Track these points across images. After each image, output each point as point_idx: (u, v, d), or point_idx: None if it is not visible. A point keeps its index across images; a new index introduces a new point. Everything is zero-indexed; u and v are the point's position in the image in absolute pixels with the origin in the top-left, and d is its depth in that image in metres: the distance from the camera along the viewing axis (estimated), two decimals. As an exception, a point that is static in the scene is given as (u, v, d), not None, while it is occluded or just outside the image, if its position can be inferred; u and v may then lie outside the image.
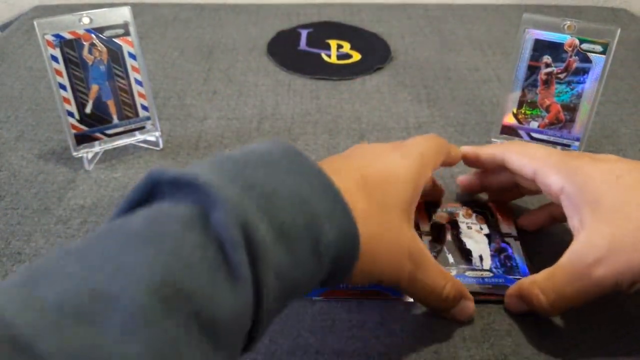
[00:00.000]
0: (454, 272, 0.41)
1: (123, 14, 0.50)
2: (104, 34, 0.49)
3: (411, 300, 0.39)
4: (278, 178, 0.28)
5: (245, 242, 0.25)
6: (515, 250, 0.43)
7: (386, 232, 0.33)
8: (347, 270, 0.31)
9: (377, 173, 0.34)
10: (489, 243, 0.43)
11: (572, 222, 0.37)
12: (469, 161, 0.44)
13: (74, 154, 0.51)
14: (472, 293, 0.39)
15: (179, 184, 0.26)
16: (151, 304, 0.21)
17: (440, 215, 0.46)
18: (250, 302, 0.25)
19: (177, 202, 0.25)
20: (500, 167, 0.43)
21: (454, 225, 0.45)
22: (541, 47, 0.50)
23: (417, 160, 0.36)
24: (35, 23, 0.46)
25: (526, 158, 0.40)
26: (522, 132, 0.54)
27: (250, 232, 0.25)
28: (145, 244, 0.23)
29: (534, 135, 0.53)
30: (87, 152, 0.52)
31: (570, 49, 0.50)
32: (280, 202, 0.27)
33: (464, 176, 0.48)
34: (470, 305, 0.38)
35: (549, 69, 0.51)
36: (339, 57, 0.73)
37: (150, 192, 0.27)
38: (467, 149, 0.44)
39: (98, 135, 0.52)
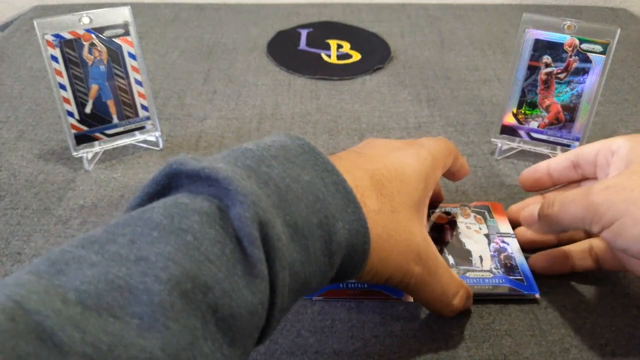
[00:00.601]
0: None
1: (123, 14, 0.50)
2: (104, 34, 0.49)
3: (411, 300, 0.39)
4: (293, 175, 0.29)
5: (262, 239, 0.25)
6: (515, 250, 0.43)
7: (395, 232, 0.32)
8: (357, 269, 0.31)
9: (388, 172, 0.34)
10: (489, 243, 0.43)
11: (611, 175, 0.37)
12: (540, 182, 0.44)
13: (74, 154, 0.52)
14: (473, 295, 0.39)
15: (199, 177, 0.26)
16: (171, 298, 0.22)
17: (439, 216, 0.46)
18: (266, 299, 0.25)
19: (196, 195, 0.26)
20: (573, 168, 0.43)
21: (453, 225, 0.45)
22: (541, 47, 0.50)
23: (428, 160, 0.36)
24: (35, 23, 0.46)
25: (598, 143, 0.40)
26: (522, 132, 0.54)
27: (267, 229, 0.25)
28: (165, 237, 0.23)
29: (534, 135, 0.53)
30: (87, 152, 0.52)
31: (570, 49, 0.50)
32: (294, 200, 0.28)
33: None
34: (470, 302, 0.38)
35: (548, 69, 0.51)
36: (339, 57, 0.73)
37: (168, 184, 0.27)
38: (531, 172, 0.44)
39: (98, 135, 0.52)
